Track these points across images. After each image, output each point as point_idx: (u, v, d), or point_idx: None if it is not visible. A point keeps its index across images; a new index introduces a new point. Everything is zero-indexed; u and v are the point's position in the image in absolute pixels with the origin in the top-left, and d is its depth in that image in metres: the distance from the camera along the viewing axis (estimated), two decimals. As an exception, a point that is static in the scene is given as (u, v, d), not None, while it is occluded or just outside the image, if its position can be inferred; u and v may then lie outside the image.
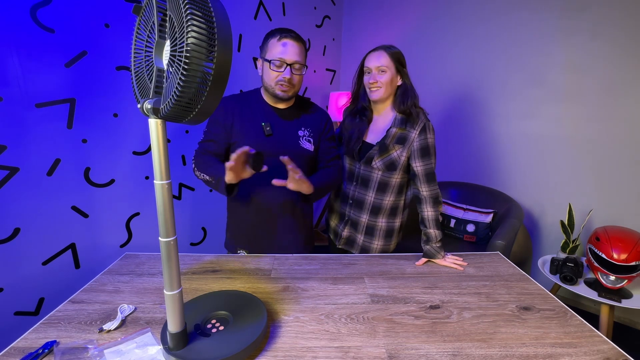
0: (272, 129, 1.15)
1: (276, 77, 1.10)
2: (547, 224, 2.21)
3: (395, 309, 0.88)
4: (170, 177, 0.62)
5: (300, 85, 1.17)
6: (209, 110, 0.54)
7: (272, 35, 1.10)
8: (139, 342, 0.73)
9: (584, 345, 0.76)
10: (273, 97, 1.15)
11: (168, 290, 0.65)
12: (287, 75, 1.09)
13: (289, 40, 1.08)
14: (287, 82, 1.10)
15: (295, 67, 1.10)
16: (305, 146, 1.18)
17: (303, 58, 1.12)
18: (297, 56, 1.09)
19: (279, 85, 1.11)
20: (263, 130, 1.14)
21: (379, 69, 1.18)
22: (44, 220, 1.38)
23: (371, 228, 1.30)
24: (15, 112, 1.25)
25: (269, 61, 1.09)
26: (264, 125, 1.14)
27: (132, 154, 1.64)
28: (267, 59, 1.09)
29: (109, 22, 1.46)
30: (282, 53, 1.07)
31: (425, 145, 1.18)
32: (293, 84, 1.12)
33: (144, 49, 0.62)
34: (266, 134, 1.14)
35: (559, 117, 2.09)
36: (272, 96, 1.15)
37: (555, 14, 2.03)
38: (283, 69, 1.09)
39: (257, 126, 1.14)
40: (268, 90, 1.15)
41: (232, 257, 1.16)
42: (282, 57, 1.07)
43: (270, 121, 1.16)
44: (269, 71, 1.10)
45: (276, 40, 1.08)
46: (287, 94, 1.13)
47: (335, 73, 3.15)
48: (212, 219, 2.13)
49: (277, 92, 1.12)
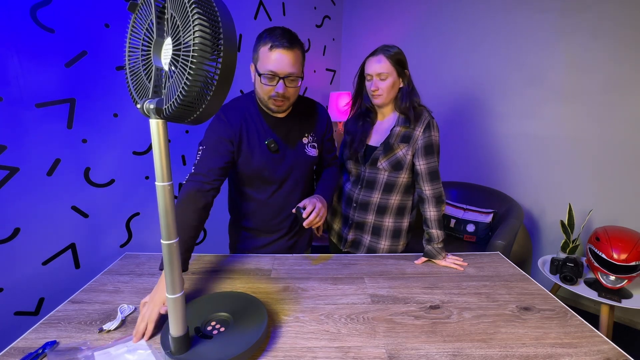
0: (276, 144, 1.09)
1: (269, 91, 1.00)
2: (547, 224, 2.22)
3: (395, 309, 0.88)
4: (171, 178, 0.61)
5: (297, 96, 1.08)
6: (212, 110, 0.53)
7: (263, 42, 0.97)
8: (130, 345, 0.73)
9: (584, 345, 0.76)
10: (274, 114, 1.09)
11: (170, 293, 0.64)
12: (280, 90, 0.98)
13: (280, 51, 0.95)
14: (280, 96, 1.00)
15: (290, 80, 0.99)
16: (310, 153, 1.16)
17: (298, 67, 1.00)
18: (290, 67, 0.97)
19: (272, 100, 1.02)
20: (268, 147, 1.08)
21: (380, 76, 1.15)
22: (44, 220, 1.38)
23: (378, 228, 1.27)
24: (15, 112, 1.25)
25: (260, 74, 0.99)
26: (268, 142, 1.07)
27: (132, 154, 1.64)
28: (258, 72, 0.99)
29: (109, 22, 1.46)
30: (274, 66, 0.96)
31: (429, 143, 1.17)
32: (287, 97, 1.02)
33: (139, 48, 0.61)
34: (272, 151, 1.09)
35: (559, 117, 2.09)
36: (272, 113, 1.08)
37: (555, 14, 2.03)
38: (275, 83, 0.98)
39: (262, 144, 1.08)
40: (262, 102, 1.07)
41: (232, 257, 1.16)
42: (273, 70, 0.96)
43: (274, 136, 1.09)
44: (260, 83, 1.00)
45: (267, 50, 0.96)
46: (282, 109, 1.05)
47: (335, 73, 3.15)
48: (212, 219, 2.10)
49: (270, 107, 1.04)
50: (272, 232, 1.21)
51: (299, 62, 1.00)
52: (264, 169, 1.09)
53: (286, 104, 1.05)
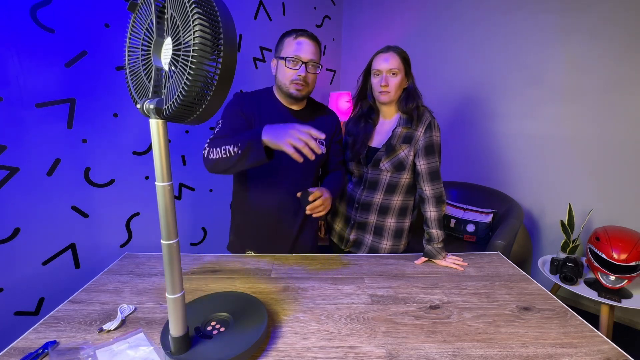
0: None
1: (291, 76, 1.08)
2: (547, 224, 2.22)
3: (395, 309, 0.88)
4: (171, 178, 0.61)
5: (314, 86, 1.15)
6: (213, 110, 0.53)
7: (288, 35, 1.09)
8: (132, 342, 0.73)
9: (584, 345, 0.76)
10: (287, 96, 1.13)
11: (170, 293, 0.64)
12: (302, 73, 1.07)
13: (304, 38, 1.07)
14: (302, 80, 1.08)
15: (310, 66, 1.08)
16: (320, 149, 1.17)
17: (318, 57, 1.11)
18: (312, 54, 1.08)
19: (294, 84, 1.09)
20: None
21: (390, 72, 1.16)
22: (44, 220, 1.38)
23: (380, 228, 1.27)
24: (15, 112, 1.25)
25: (284, 59, 1.07)
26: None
27: (132, 154, 1.64)
28: (282, 57, 1.08)
29: (109, 22, 1.46)
30: (297, 51, 1.06)
31: (431, 143, 1.17)
32: (307, 83, 1.10)
33: (139, 47, 0.61)
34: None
35: (559, 117, 2.09)
36: (286, 96, 1.13)
37: (555, 14, 2.03)
38: (298, 67, 1.07)
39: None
40: (282, 90, 1.12)
41: (232, 257, 1.16)
42: (297, 54, 1.06)
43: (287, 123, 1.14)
44: (284, 69, 1.08)
45: (292, 39, 1.07)
46: (301, 93, 1.10)
47: (335, 73, 3.15)
48: (212, 219, 2.13)
49: (291, 91, 1.10)
50: (276, 231, 1.20)
51: (318, 53, 1.11)
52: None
53: (305, 90, 1.11)
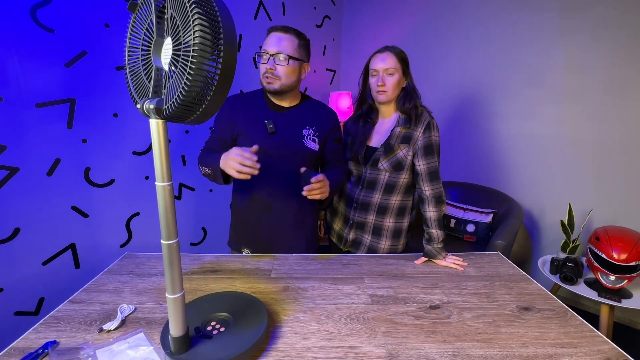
0: (275, 127, 1.14)
1: (262, 70, 1.09)
2: (547, 224, 2.22)
3: (395, 309, 0.88)
4: (171, 178, 0.61)
5: (292, 79, 1.11)
6: (213, 110, 0.53)
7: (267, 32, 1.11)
8: (132, 342, 0.73)
9: (584, 345, 0.76)
10: (268, 93, 1.15)
11: (170, 293, 0.64)
12: (269, 66, 1.07)
13: (274, 32, 1.08)
14: (269, 72, 1.08)
15: (280, 58, 1.06)
16: (309, 145, 1.17)
17: (291, 49, 1.07)
18: (280, 47, 1.06)
19: (264, 77, 1.10)
20: (266, 127, 1.13)
21: (387, 71, 1.16)
22: (44, 220, 1.38)
23: (378, 228, 1.27)
24: (15, 112, 1.25)
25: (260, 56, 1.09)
26: (267, 122, 1.13)
27: (132, 154, 1.64)
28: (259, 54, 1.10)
29: (109, 22, 1.46)
30: (265, 45, 1.08)
31: (429, 143, 1.18)
32: (278, 76, 1.08)
33: (139, 47, 0.61)
34: (269, 131, 1.13)
35: (559, 117, 2.09)
36: (267, 92, 1.15)
37: (555, 14, 2.03)
38: (266, 61, 1.08)
39: (261, 123, 1.14)
40: (261, 84, 1.14)
41: (232, 257, 1.16)
42: (265, 48, 1.08)
43: (274, 119, 1.15)
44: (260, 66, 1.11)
45: (266, 35, 1.10)
46: (272, 86, 1.10)
47: (335, 73, 3.15)
48: (212, 219, 2.13)
49: (264, 85, 1.12)
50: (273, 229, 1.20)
51: (291, 45, 1.08)
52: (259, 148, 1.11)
53: (277, 82, 1.10)
